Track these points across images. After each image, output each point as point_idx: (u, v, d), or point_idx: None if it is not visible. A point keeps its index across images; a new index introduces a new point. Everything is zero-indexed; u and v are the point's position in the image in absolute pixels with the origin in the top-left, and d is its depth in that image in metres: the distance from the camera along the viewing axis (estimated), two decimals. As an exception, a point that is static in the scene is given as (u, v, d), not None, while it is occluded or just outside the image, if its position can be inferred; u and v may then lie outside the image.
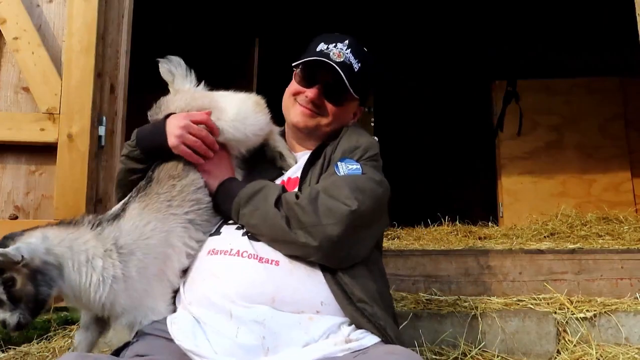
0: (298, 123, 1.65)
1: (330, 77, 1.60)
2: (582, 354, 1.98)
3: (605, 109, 4.66)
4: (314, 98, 1.62)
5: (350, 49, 1.62)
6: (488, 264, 2.49)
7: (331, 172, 1.50)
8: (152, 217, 1.42)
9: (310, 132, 1.67)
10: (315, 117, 1.64)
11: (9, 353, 2.27)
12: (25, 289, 1.29)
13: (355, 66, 1.61)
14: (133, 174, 1.58)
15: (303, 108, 1.64)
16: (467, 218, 4.07)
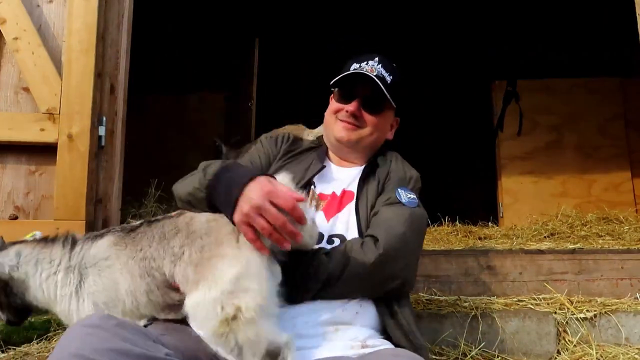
0: (342, 138, 1.72)
1: (367, 90, 1.69)
2: (582, 354, 1.98)
3: (605, 109, 4.66)
4: (354, 111, 1.70)
5: (381, 64, 1.72)
6: (488, 264, 2.49)
7: (394, 200, 1.60)
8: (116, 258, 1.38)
9: (353, 145, 1.73)
10: (356, 129, 1.71)
11: (9, 353, 2.27)
12: (1, 298, 1.45)
13: (387, 78, 1.71)
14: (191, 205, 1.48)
15: (344, 123, 1.71)
16: (467, 218, 4.07)
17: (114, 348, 1.02)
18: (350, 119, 1.71)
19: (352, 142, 1.72)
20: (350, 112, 1.70)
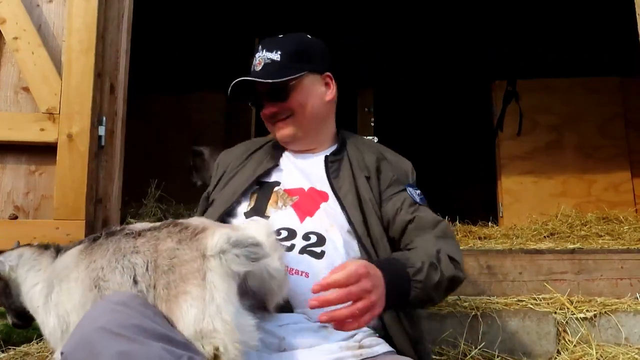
0: (283, 139, 1.65)
1: (265, 86, 1.59)
2: (582, 354, 1.98)
3: (605, 109, 4.65)
4: (271, 110, 1.63)
5: (264, 49, 1.62)
6: (488, 264, 2.49)
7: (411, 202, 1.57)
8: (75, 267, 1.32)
9: (298, 137, 1.65)
10: (286, 123, 1.63)
11: (9, 353, 2.27)
12: (1, 299, 1.48)
13: (275, 57, 1.59)
14: None
15: (276, 124, 1.65)
16: (467, 218, 4.06)
17: (139, 325, 1.02)
18: (276, 118, 1.64)
19: (294, 135, 1.64)
20: (270, 115, 1.64)
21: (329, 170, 1.61)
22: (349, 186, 1.56)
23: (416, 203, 1.58)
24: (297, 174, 1.63)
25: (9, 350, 2.30)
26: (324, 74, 1.67)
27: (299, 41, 1.67)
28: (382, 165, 1.64)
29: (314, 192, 1.57)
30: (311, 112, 1.64)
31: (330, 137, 1.73)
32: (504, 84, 4.84)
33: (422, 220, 1.54)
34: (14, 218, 2.52)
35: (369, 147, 1.71)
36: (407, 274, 1.33)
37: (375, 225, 1.53)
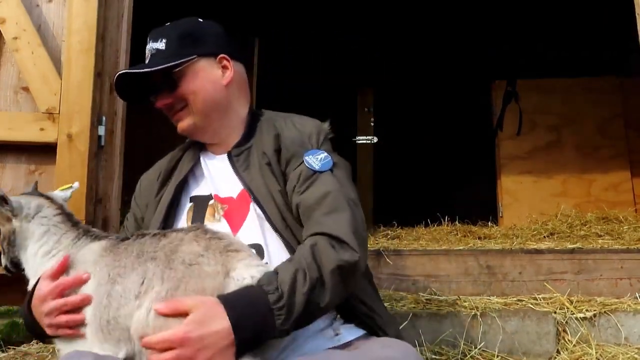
0: (182, 130, 1.55)
1: (151, 78, 1.50)
2: (581, 353, 1.98)
3: (604, 109, 4.66)
4: (162, 104, 1.53)
5: (151, 39, 1.54)
6: (488, 264, 2.49)
7: (309, 174, 1.38)
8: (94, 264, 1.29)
9: (197, 127, 1.53)
10: (183, 114, 1.52)
11: (9, 353, 2.27)
12: (2, 243, 1.42)
13: (160, 46, 1.50)
14: None
15: (174, 117, 1.55)
16: (466, 218, 4.06)
17: None
18: (171, 112, 1.54)
19: (193, 125, 1.52)
20: (163, 108, 1.53)
21: (236, 165, 1.48)
22: (260, 178, 1.43)
23: (314, 172, 1.38)
24: (220, 179, 1.51)
25: (8, 350, 2.30)
26: (218, 56, 1.55)
27: (187, 26, 1.59)
28: (281, 143, 1.46)
29: (243, 196, 1.46)
30: (205, 98, 1.50)
31: (240, 125, 1.58)
32: (503, 83, 4.84)
33: (307, 201, 1.33)
34: (14, 218, 2.52)
35: (267, 128, 1.53)
36: (267, 302, 1.12)
37: (289, 218, 1.39)
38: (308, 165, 1.39)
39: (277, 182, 1.42)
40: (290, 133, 1.48)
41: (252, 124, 1.57)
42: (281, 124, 1.52)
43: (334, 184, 1.35)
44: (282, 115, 1.60)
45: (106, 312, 1.18)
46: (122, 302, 1.17)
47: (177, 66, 1.47)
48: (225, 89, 1.54)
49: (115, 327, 1.16)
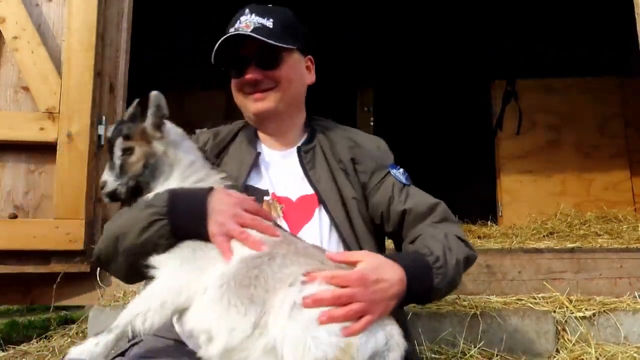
0: (259, 112, 1.52)
1: (253, 49, 1.48)
2: (581, 352, 1.98)
3: (604, 108, 4.66)
4: (254, 77, 1.49)
5: (253, 13, 1.51)
6: (487, 263, 2.49)
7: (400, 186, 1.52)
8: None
9: (274, 113, 1.53)
10: (267, 95, 1.51)
11: (9, 352, 2.27)
12: (136, 165, 1.31)
13: (267, 23, 1.48)
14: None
15: (255, 95, 1.51)
16: (466, 217, 4.06)
17: None
18: (256, 88, 1.50)
19: (272, 109, 1.51)
20: (251, 81, 1.49)
21: (304, 161, 1.51)
22: (327, 180, 1.48)
23: (404, 185, 1.52)
24: (279, 176, 1.52)
25: (8, 349, 2.30)
26: (307, 56, 1.60)
27: (289, 16, 1.57)
28: (357, 154, 1.55)
29: (306, 200, 1.49)
30: (295, 89, 1.55)
31: (301, 126, 1.63)
32: (503, 83, 4.85)
33: (418, 208, 1.47)
34: (14, 217, 2.52)
35: (338, 136, 1.60)
36: (427, 262, 1.27)
37: (360, 226, 1.46)
38: (397, 179, 1.52)
39: (353, 189, 1.50)
40: (367, 147, 1.59)
41: (312, 127, 1.62)
42: (353, 136, 1.61)
43: (431, 197, 1.53)
44: (340, 125, 1.66)
45: (266, 267, 1.15)
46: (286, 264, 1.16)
47: (286, 49, 1.50)
48: (305, 87, 1.61)
49: (260, 285, 1.13)
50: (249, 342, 1.08)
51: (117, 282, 2.53)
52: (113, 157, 1.32)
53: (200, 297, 1.15)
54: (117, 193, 1.31)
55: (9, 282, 2.54)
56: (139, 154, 1.31)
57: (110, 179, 1.31)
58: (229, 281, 1.14)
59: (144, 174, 1.31)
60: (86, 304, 2.69)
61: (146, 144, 1.32)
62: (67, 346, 2.27)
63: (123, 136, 1.32)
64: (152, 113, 1.34)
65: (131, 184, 1.31)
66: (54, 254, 2.49)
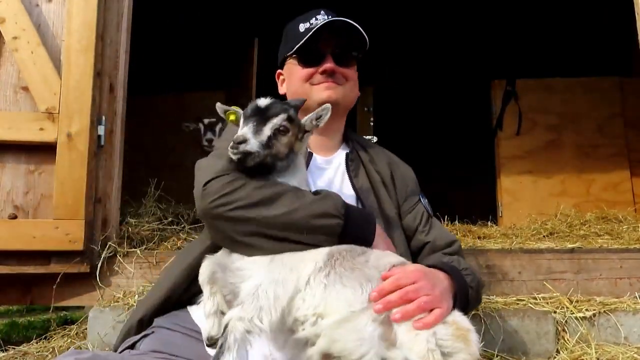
0: (329, 99, 1.58)
1: (331, 45, 1.60)
2: (581, 353, 1.98)
3: (604, 109, 4.66)
4: (332, 67, 1.59)
5: (330, 15, 1.64)
6: (487, 264, 2.49)
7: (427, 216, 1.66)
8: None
9: (337, 108, 1.60)
10: (337, 86, 1.61)
11: (9, 352, 2.27)
12: (284, 147, 1.34)
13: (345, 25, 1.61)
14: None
15: (325, 83, 1.60)
16: (466, 217, 4.06)
17: None
18: (329, 78, 1.60)
19: (337, 101, 1.59)
20: (328, 70, 1.59)
21: (349, 168, 1.62)
22: (367, 191, 1.58)
23: (430, 216, 1.66)
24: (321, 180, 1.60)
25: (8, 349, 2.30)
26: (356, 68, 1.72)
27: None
28: (395, 174, 1.67)
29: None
30: (355, 92, 1.68)
31: (340, 134, 1.73)
32: (503, 83, 4.84)
33: (437, 242, 1.61)
34: (14, 218, 2.52)
35: (376, 151, 1.72)
36: (456, 268, 1.40)
37: (400, 236, 1.57)
38: (425, 207, 1.66)
39: (392, 205, 1.61)
40: (403, 169, 1.73)
41: (349, 138, 1.73)
42: (389, 155, 1.74)
43: (450, 233, 1.68)
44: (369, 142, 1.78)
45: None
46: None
47: (362, 52, 1.64)
48: (357, 97, 1.72)
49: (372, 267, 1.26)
50: (361, 313, 1.16)
51: (117, 283, 2.53)
52: (265, 123, 1.31)
53: (306, 288, 1.21)
54: (251, 157, 1.28)
55: (9, 282, 2.54)
56: (289, 140, 1.35)
57: (254, 141, 1.28)
58: (335, 269, 1.23)
59: (281, 162, 1.34)
60: (86, 304, 2.69)
61: (295, 137, 1.37)
62: (66, 347, 2.27)
63: (288, 115, 1.34)
64: (313, 119, 1.41)
65: (268, 161, 1.30)
66: (54, 254, 2.49)
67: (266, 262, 1.26)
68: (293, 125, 1.35)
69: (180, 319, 1.36)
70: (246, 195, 1.28)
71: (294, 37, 1.62)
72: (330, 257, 1.25)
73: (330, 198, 1.32)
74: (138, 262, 2.53)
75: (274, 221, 1.26)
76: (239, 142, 1.26)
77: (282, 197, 1.29)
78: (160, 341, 1.31)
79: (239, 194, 1.28)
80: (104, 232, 2.59)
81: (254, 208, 1.27)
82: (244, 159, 1.26)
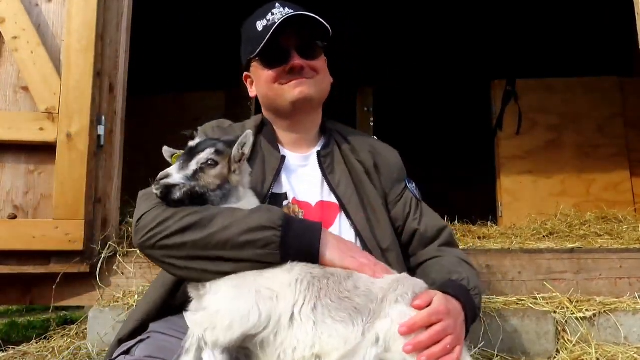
0: (302, 96, 1.51)
1: (293, 39, 1.51)
2: (581, 353, 1.98)
3: (604, 108, 4.66)
4: (301, 63, 1.50)
5: (286, 7, 1.52)
6: (487, 264, 2.49)
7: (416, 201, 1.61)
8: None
9: (312, 103, 1.55)
10: (309, 82, 1.52)
11: (8, 352, 2.27)
12: (213, 180, 1.32)
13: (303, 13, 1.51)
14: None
15: (295, 80, 1.51)
16: (466, 217, 4.06)
17: None
18: (296, 75, 1.51)
19: (310, 96, 1.52)
20: (297, 67, 1.49)
21: (323, 166, 1.54)
22: (347, 184, 1.51)
23: (418, 201, 1.61)
24: (298, 180, 1.53)
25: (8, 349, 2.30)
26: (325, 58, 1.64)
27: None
28: (379, 162, 1.61)
29: (326, 206, 1.51)
30: (327, 83, 1.61)
31: (317, 128, 1.65)
32: (503, 83, 4.84)
33: (429, 230, 1.57)
34: (13, 218, 2.52)
35: (358, 140, 1.65)
36: (465, 286, 1.37)
37: (382, 231, 1.49)
38: (412, 192, 1.61)
39: (378, 195, 1.55)
40: (387, 155, 1.65)
41: (327, 130, 1.66)
42: (372, 142, 1.67)
43: (440, 218, 1.62)
44: (355, 130, 1.72)
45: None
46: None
47: (326, 39, 1.55)
48: (330, 86, 1.62)
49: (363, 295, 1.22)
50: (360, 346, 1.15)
51: (117, 283, 2.53)
52: (191, 159, 1.32)
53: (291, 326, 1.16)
54: (175, 190, 1.28)
55: (9, 282, 2.54)
56: (219, 172, 1.32)
57: (178, 175, 1.30)
58: (321, 300, 1.17)
59: (214, 192, 1.32)
60: (86, 304, 2.69)
61: (227, 170, 1.34)
62: (66, 347, 2.27)
63: (216, 149, 1.33)
64: (240, 148, 1.36)
65: (197, 191, 1.29)
66: (54, 254, 2.49)
67: (230, 285, 1.21)
68: (222, 157, 1.33)
69: (176, 324, 1.35)
70: (176, 222, 1.26)
71: (253, 38, 1.52)
72: (310, 285, 1.19)
73: (266, 211, 1.28)
74: (138, 262, 2.53)
75: (207, 241, 1.23)
76: (161, 178, 1.29)
77: (214, 217, 1.25)
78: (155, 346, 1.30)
79: (169, 222, 1.26)
80: (104, 232, 2.59)
81: (185, 232, 1.24)
82: (167, 192, 1.27)
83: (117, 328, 2.19)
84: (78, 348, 2.21)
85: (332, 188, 1.50)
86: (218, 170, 1.32)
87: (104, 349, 2.17)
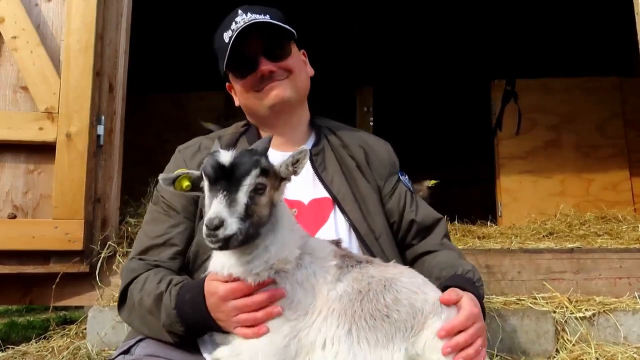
0: (278, 100, 1.49)
1: (259, 44, 1.49)
2: (580, 353, 1.98)
3: (603, 108, 4.66)
4: (270, 68, 1.48)
5: (248, 12, 1.52)
6: (487, 263, 2.49)
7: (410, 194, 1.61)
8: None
9: (290, 104, 1.53)
10: (283, 83, 1.50)
11: (8, 352, 2.27)
12: (265, 209, 1.10)
13: (264, 18, 1.49)
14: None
15: (270, 85, 1.49)
16: (465, 217, 4.07)
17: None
18: (268, 81, 1.49)
19: (287, 98, 1.50)
20: (266, 73, 1.47)
21: (315, 164, 1.53)
22: (340, 180, 1.50)
23: (412, 193, 1.62)
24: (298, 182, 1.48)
25: (7, 349, 2.30)
26: (300, 50, 1.62)
27: (280, 12, 1.59)
28: (370, 156, 1.61)
29: (320, 203, 1.50)
30: (304, 78, 1.58)
31: (307, 124, 1.64)
32: (502, 83, 4.84)
33: (425, 221, 1.58)
34: (13, 217, 2.52)
35: (348, 135, 1.64)
36: (471, 279, 1.40)
37: (378, 224, 1.50)
38: (405, 185, 1.61)
39: (371, 189, 1.55)
40: (378, 149, 1.64)
41: (318, 127, 1.64)
42: (363, 136, 1.67)
43: (434, 210, 1.63)
44: (345, 125, 1.70)
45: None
46: None
47: (292, 38, 1.53)
48: (309, 80, 1.62)
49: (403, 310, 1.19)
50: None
51: (117, 283, 2.53)
52: (237, 190, 1.06)
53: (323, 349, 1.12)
54: (233, 240, 1.04)
55: (8, 282, 2.54)
56: (269, 197, 1.11)
57: (232, 219, 1.03)
58: (357, 322, 1.14)
59: (266, 223, 1.11)
60: (85, 304, 2.69)
61: (274, 189, 1.14)
62: (66, 346, 2.27)
63: (262, 169, 1.09)
64: (289, 165, 1.16)
65: (251, 232, 1.07)
66: (53, 254, 2.49)
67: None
68: (269, 177, 1.12)
69: None
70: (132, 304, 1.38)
71: (222, 50, 1.51)
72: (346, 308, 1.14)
73: (165, 309, 1.27)
74: (137, 262, 2.53)
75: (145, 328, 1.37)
76: (215, 228, 1.02)
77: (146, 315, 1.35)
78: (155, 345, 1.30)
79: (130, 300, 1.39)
80: (104, 232, 2.59)
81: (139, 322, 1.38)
82: (226, 245, 1.05)
83: (117, 328, 2.19)
84: (77, 348, 2.21)
85: (326, 185, 1.50)
86: (267, 194, 1.11)
87: (104, 348, 2.18)
